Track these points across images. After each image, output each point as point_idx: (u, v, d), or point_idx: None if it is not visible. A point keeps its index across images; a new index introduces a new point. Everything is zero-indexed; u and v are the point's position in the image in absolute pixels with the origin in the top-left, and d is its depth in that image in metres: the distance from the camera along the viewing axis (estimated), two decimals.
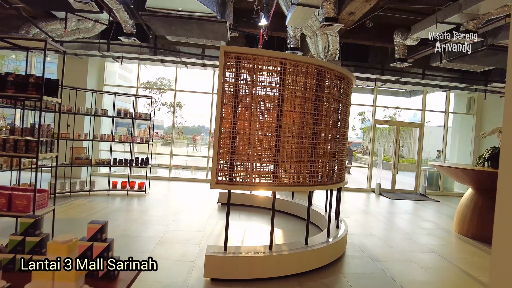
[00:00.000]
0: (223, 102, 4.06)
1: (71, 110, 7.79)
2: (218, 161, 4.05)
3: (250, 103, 4.17)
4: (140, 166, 8.58)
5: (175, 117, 26.02)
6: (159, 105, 25.85)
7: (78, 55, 9.71)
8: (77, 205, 7.07)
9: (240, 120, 4.15)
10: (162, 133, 28.11)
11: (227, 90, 4.07)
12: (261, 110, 4.21)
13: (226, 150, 4.08)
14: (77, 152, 8.17)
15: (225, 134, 4.08)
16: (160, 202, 7.87)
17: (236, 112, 4.11)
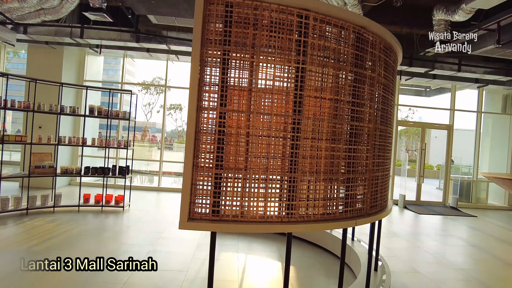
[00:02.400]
0: (203, 80, 2.34)
1: (28, 107, 6.12)
2: (194, 181, 2.33)
3: (249, 83, 2.45)
4: (116, 176, 6.87)
5: (175, 119, 24.40)
6: (158, 107, 24.24)
7: (50, 44, 8.06)
8: (27, 228, 5.37)
9: (233, 112, 2.43)
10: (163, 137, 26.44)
11: (210, 59, 2.35)
12: (267, 96, 2.48)
13: (207, 162, 2.36)
14: (38, 159, 6.49)
15: (205, 135, 2.36)
16: (139, 222, 6.15)
17: (225, 99, 2.40)
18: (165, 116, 9.78)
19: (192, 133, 2.31)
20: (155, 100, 24.46)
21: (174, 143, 24.18)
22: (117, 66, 43.99)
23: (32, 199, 6.21)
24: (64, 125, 8.80)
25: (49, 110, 6.36)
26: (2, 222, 5.56)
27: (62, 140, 6.53)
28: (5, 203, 5.88)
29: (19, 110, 6.09)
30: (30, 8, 6.69)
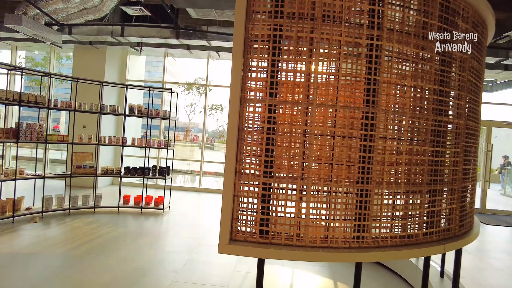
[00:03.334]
0: (247, 63, 1.81)
1: (70, 106, 6.00)
2: (237, 192, 1.81)
3: (306, 66, 1.89)
4: (156, 177, 6.60)
5: (216, 120, 24.39)
6: (200, 108, 24.35)
7: (94, 44, 8.02)
8: (67, 229, 5.20)
9: (285, 104, 1.88)
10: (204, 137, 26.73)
11: (257, 36, 1.82)
12: (330, 83, 1.90)
13: (253, 168, 1.83)
14: (80, 159, 6.38)
15: (251, 134, 1.83)
16: (178, 226, 5.80)
17: (275, 87, 1.85)
18: (206, 116, 9.46)
19: (234, 131, 1.79)
20: (197, 100, 24.61)
21: (215, 143, 24.15)
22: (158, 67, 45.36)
23: (74, 199, 6.10)
24: (107, 125, 8.78)
25: (90, 109, 6.22)
26: (45, 222, 5.47)
27: (102, 139, 6.37)
28: (48, 202, 5.79)
29: (61, 109, 5.99)
30: (73, 8, 6.62)
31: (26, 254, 4.09)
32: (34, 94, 5.50)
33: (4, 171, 5.24)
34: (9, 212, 5.32)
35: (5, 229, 4.97)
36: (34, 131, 5.54)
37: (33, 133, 5.52)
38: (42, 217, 5.65)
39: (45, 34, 6.71)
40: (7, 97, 5.12)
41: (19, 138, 5.32)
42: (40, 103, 5.58)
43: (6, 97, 5.11)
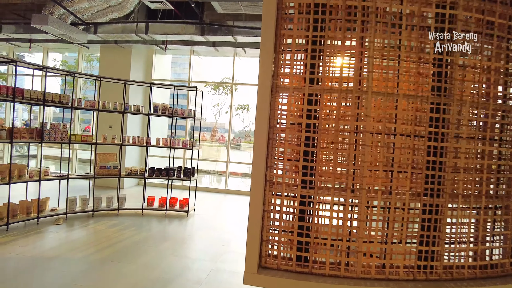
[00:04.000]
0: (281, 40, 1.41)
1: (93, 106, 5.85)
2: (267, 206, 1.41)
3: (357, 41, 1.45)
4: (181, 178, 6.33)
5: (242, 120, 24.16)
6: (226, 108, 24.18)
7: (119, 43, 7.89)
8: (90, 232, 5.02)
9: (330, 93, 1.46)
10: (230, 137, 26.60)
11: (293, 7, 1.41)
12: (389, 64, 1.46)
13: (288, 176, 1.42)
14: (104, 159, 6.22)
15: (285, 132, 1.42)
16: (203, 230, 5.49)
17: (318, 69, 1.43)
18: (232, 115, 9.15)
19: (263, 129, 1.39)
20: (223, 100, 24.45)
21: (241, 143, 23.91)
22: (184, 67, 45.69)
23: (97, 201, 5.94)
24: (134, 125, 8.66)
25: (113, 109, 6.04)
26: (69, 224, 5.32)
27: (126, 140, 6.18)
28: (72, 204, 5.66)
29: (85, 109, 5.85)
30: (98, 6, 6.48)
31: (46, 258, 3.90)
32: (58, 94, 5.37)
33: (29, 171, 5.14)
34: (34, 213, 5.21)
35: (29, 231, 4.85)
36: (58, 131, 5.41)
37: (57, 133, 5.39)
38: (66, 219, 5.52)
39: (71, 33, 6.62)
40: (31, 97, 5.00)
41: (43, 139, 5.20)
42: (64, 103, 5.45)
43: (31, 97, 4.99)
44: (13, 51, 9.50)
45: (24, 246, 4.26)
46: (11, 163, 4.83)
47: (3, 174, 4.77)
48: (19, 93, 4.83)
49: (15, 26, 7.55)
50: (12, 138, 4.80)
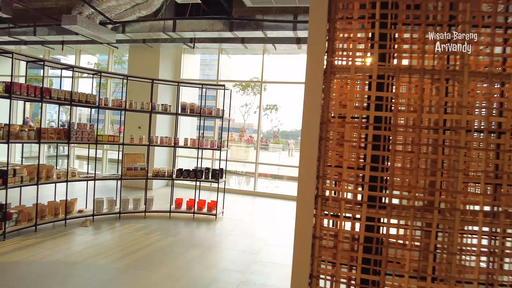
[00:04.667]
0: (338, 9, 1.02)
1: (120, 105, 5.70)
2: (318, 232, 1.02)
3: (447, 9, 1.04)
4: (209, 180, 6.06)
5: (271, 120, 23.79)
6: (255, 108, 23.89)
7: (147, 42, 7.77)
8: (115, 236, 4.83)
9: (410, 73, 1.05)
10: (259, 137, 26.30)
11: None
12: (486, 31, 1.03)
13: (347, 189, 1.03)
14: (131, 160, 6.07)
15: (344, 128, 1.03)
16: (232, 236, 5.17)
17: (392, 42, 1.03)
18: (261, 115, 8.80)
19: (312, 125, 1.02)
20: (252, 100, 24.18)
21: (269, 144, 23.55)
22: (212, 67, 45.64)
23: (124, 203, 5.78)
24: (163, 125, 8.52)
25: (141, 108, 5.86)
26: (96, 226, 5.18)
27: (154, 140, 5.99)
28: (99, 205, 5.53)
29: (112, 108, 5.71)
30: (125, 4, 6.35)
31: (70, 264, 3.72)
32: (85, 94, 5.25)
33: (56, 172, 5.05)
34: (61, 214, 5.12)
35: (56, 233, 4.74)
36: (85, 131, 5.29)
37: (83, 133, 5.27)
38: (93, 221, 5.39)
39: (100, 33, 6.54)
40: (59, 97, 4.90)
41: (70, 139, 5.09)
42: (91, 102, 5.32)
43: (58, 97, 4.89)
44: (48, 54, 9.69)
45: (49, 249, 4.12)
46: (39, 164, 4.74)
47: (31, 174, 4.69)
48: (46, 93, 4.73)
49: (48, 28, 7.62)
50: (40, 139, 4.71)
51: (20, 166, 4.62)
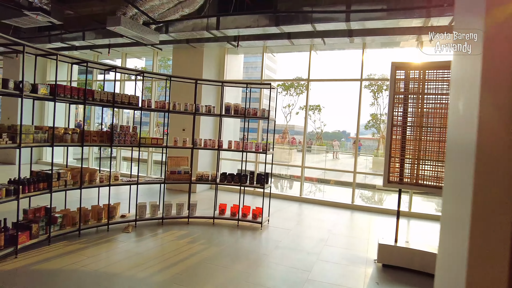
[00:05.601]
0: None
1: (163, 107, 5.46)
2: None
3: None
4: (254, 185, 5.63)
5: (314, 121, 23.01)
6: (297, 109, 23.26)
7: (190, 42, 7.55)
8: (157, 244, 4.55)
9: None
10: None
11: None
12: None
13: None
14: (175, 163, 5.82)
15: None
16: (279, 248, 4.67)
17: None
18: (307, 115, 8.24)
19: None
20: (294, 101, 23.53)
21: (312, 146, 22.76)
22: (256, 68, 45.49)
23: (167, 208, 5.52)
24: (206, 127, 8.27)
25: (184, 110, 5.59)
26: (138, 232, 4.96)
27: (197, 143, 5.68)
28: (142, 210, 5.32)
29: (155, 110, 5.49)
30: (168, 3, 6.14)
31: (109, 275, 3.46)
32: (127, 95, 5.06)
33: (99, 175, 4.90)
34: (104, 219, 4.95)
35: (99, 238, 4.56)
36: (127, 134, 5.11)
37: (126, 136, 5.09)
38: (136, 226, 5.18)
39: (143, 34, 6.40)
40: (102, 98, 4.75)
41: (113, 142, 4.92)
42: (133, 104, 5.13)
43: (101, 98, 4.74)
44: (97, 58, 9.90)
45: (90, 256, 3.91)
46: (82, 167, 4.60)
47: (75, 178, 4.55)
48: (89, 94, 4.58)
49: (95, 32, 7.69)
50: (83, 142, 4.57)
51: (64, 169, 4.50)
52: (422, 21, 5.60)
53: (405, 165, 4.29)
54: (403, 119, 4.33)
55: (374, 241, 5.08)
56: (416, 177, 4.28)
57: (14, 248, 3.75)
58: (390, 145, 4.36)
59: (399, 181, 4.35)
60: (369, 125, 23.18)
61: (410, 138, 4.30)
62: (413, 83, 4.28)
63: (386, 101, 19.47)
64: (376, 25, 5.89)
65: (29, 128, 3.88)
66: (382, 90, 18.83)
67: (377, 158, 15.87)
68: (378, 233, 5.62)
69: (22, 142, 3.78)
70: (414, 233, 5.96)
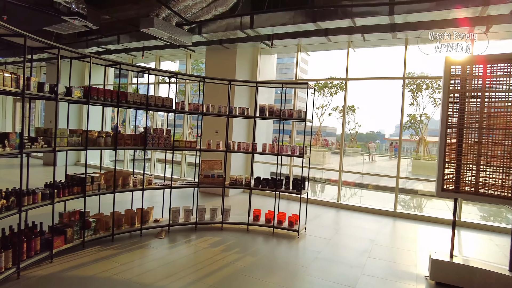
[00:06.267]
0: None
1: (197, 109, 5.29)
2: None
3: None
4: (290, 191, 5.31)
5: (348, 122, 22.26)
6: (330, 110, 22.57)
7: (223, 43, 7.38)
8: (190, 252, 4.35)
9: None
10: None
11: None
12: None
13: None
14: (209, 167, 5.63)
15: None
16: (320, 260, 4.31)
17: None
18: (345, 115, 7.81)
19: None
20: (328, 102, 22.86)
21: (346, 148, 21.98)
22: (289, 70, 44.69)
23: (201, 213, 5.34)
24: (238, 129, 8.07)
25: (218, 112, 5.39)
26: (171, 238, 4.80)
27: (231, 146, 5.46)
28: (175, 215, 5.17)
29: (189, 112, 5.33)
30: (201, 3, 5.98)
31: (141, 285, 3.29)
32: (161, 97, 4.94)
33: (133, 179, 4.80)
34: (138, 223, 4.85)
35: (132, 244, 4.45)
36: (161, 137, 4.98)
37: (160, 139, 4.96)
38: (169, 231, 5.04)
39: (176, 35, 6.29)
40: (135, 101, 4.64)
41: (147, 145, 4.81)
42: (167, 106, 5.00)
43: (134, 101, 4.63)
44: (132, 61, 10.02)
45: (122, 264, 3.78)
46: (115, 171, 4.52)
47: (108, 182, 4.47)
48: (122, 97, 4.49)
49: (129, 35, 7.73)
50: (116, 145, 4.48)
51: (98, 173, 4.43)
52: (477, 11, 5.03)
53: (464, 172, 3.79)
54: (459, 120, 3.84)
55: (423, 254, 4.60)
56: (475, 185, 3.78)
57: (50, 252, 3.69)
58: (444, 149, 3.88)
59: (455, 189, 3.87)
60: (407, 126, 22.06)
61: (468, 141, 3.81)
62: (470, 80, 3.79)
63: (426, 100, 18.36)
64: (423, 17, 5.38)
65: (64, 131, 3.83)
66: (422, 89, 17.75)
67: (418, 162, 14.96)
68: (427, 244, 5.10)
69: (57, 145, 3.72)
70: (466, 245, 5.37)
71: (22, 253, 3.38)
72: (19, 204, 3.32)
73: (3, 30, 3.12)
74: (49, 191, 3.70)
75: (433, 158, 16.97)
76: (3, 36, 3.35)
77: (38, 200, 3.59)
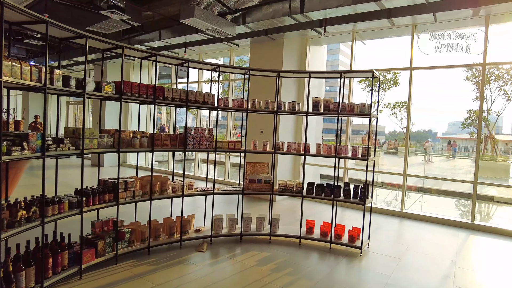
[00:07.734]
0: None
1: (242, 106, 4.60)
2: None
3: None
4: (351, 200, 4.43)
5: (400, 119, 20.47)
6: (381, 107, 20.86)
7: (269, 34, 6.64)
8: (234, 271, 3.65)
9: None
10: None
11: None
12: None
13: None
14: (254, 170, 4.92)
15: None
16: (388, 286, 3.41)
17: None
18: (410, 110, 6.73)
19: None
20: (381, 97, 21.12)
21: (398, 147, 20.23)
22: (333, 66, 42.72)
23: (246, 223, 4.65)
24: (284, 127, 7.30)
25: (265, 108, 4.66)
26: (213, 252, 4.15)
27: (279, 146, 4.70)
28: (218, 224, 4.53)
29: (233, 109, 4.66)
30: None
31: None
32: (202, 93, 4.32)
33: (172, 185, 4.23)
34: (177, 234, 4.27)
35: (170, 259, 3.86)
36: (203, 137, 4.36)
37: (201, 139, 4.34)
38: (211, 243, 4.41)
39: (219, 25, 5.67)
40: (173, 97, 4.07)
41: (187, 146, 4.21)
42: (209, 103, 4.37)
43: (172, 97, 4.06)
44: None
45: (157, 285, 3.19)
46: (152, 177, 3.96)
47: (144, 188, 3.93)
48: (159, 92, 3.93)
49: (171, 30, 7.29)
50: (153, 146, 3.93)
51: (133, 178, 3.91)
52: None
53: None
54: None
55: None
56: None
57: (79, 268, 3.21)
58: None
59: None
60: (466, 123, 19.76)
61: None
62: None
63: (495, 94, 16.10)
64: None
65: (93, 132, 3.32)
66: (490, 81, 15.59)
67: (485, 163, 13.12)
68: None
69: (86, 147, 3.23)
70: None
71: (47, 269, 2.92)
72: (42, 215, 2.85)
73: (67, 33, 3.09)
74: (77, 199, 3.22)
75: (505, 159, 14.83)
76: (65, 39, 3.31)
77: (65, 209, 3.11)
